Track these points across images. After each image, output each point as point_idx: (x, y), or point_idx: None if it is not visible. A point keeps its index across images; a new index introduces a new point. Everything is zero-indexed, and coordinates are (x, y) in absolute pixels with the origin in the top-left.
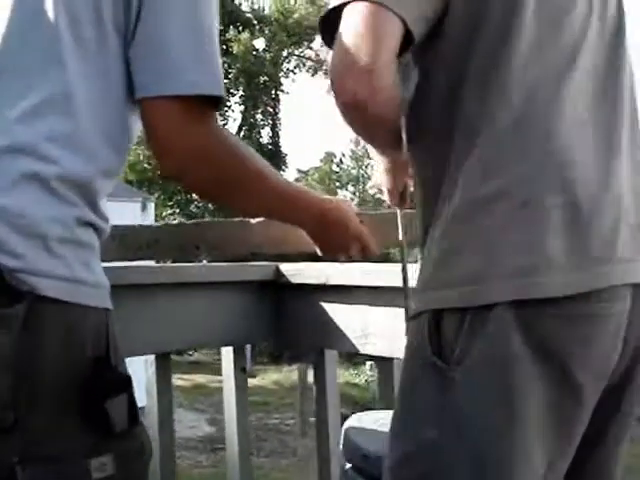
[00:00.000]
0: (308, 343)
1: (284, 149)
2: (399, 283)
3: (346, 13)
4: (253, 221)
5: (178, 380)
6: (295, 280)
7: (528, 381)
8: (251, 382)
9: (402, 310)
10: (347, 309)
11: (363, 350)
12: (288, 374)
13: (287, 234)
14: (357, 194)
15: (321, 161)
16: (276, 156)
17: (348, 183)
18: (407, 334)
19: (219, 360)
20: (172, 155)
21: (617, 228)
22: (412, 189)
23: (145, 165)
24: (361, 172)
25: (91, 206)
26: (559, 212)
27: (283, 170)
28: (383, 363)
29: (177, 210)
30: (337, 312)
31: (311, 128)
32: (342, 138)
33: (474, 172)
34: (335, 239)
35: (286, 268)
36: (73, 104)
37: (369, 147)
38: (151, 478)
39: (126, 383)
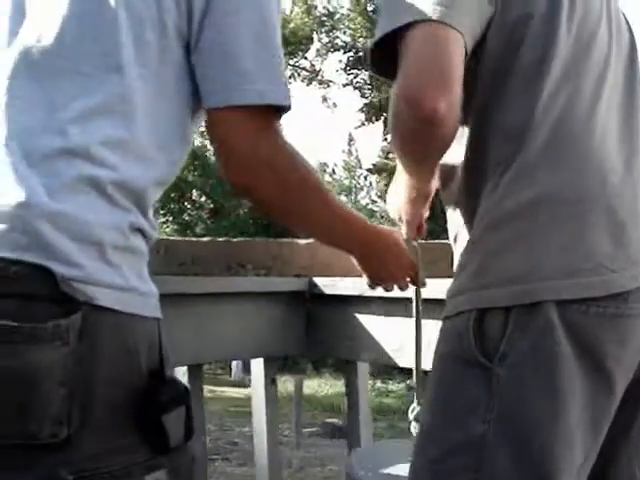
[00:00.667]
0: (341, 355)
1: None
2: (439, 295)
3: (412, 34)
4: (301, 243)
5: None
6: (329, 291)
7: (572, 376)
8: (244, 392)
9: (440, 322)
10: (383, 321)
11: (400, 363)
12: (283, 385)
13: (334, 259)
14: (349, 205)
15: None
16: None
17: (340, 193)
18: (441, 334)
19: (209, 370)
20: (241, 166)
21: None
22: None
23: None
24: (353, 182)
25: (143, 213)
26: (600, 215)
27: None
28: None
29: (170, 218)
30: (372, 324)
31: (304, 138)
32: (335, 148)
33: (515, 180)
34: (385, 268)
35: (320, 279)
36: (130, 109)
37: (399, 175)
38: None
39: (184, 396)
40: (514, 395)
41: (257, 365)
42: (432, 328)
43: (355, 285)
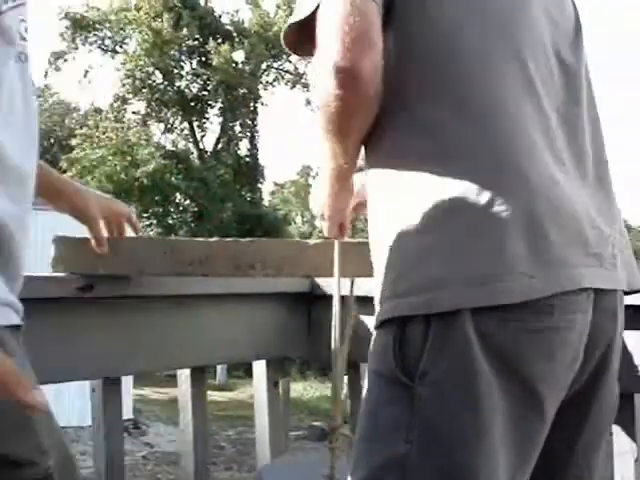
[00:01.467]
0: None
1: (261, 162)
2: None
3: (327, 6)
4: (311, 243)
5: (154, 394)
6: (331, 292)
7: (491, 395)
8: (228, 396)
9: None
10: None
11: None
12: None
13: (344, 260)
14: None
15: (297, 174)
16: (254, 168)
17: None
18: (371, 346)
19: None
20: None
21: (577, 235)
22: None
23: (122, 176)
24: None
25: None
26: (518, 218)
27: (260, 183)
28: None
29: (154, 222)
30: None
31: (288, 141)
32: (318, 152)
33: (433, 180)
34: None
35: (322, 280)
36: None
37: (323, 167)
38: None
39: None
40: (435, 414)
41: (259, 367)
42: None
43: (360, 286)
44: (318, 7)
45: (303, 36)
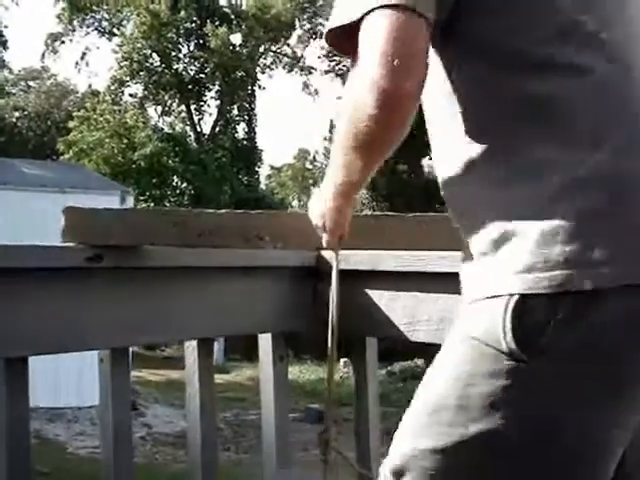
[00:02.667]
0: (349, 331)
1: (259, 145)
2: (451, 269)
3: (375, 19)
4: None
5: (151, 376)
6: (341, 266)
7: (635, 369)
8: (225, 378)
9: (454, 296)
10: (395, 296)
11: (412, 337)
12: None
13: (354, 231)
14: None
15: (294, 158)
16: (251, 152)
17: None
18: (466, 317)
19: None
20: None
21: None
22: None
23: (119, 158)
24: None
25: None
26: None
27: (258, 166)
28: (433, 350)
29: (151, 204)
30: (382, 299)
31: (285, 125)
32: (316, 135)
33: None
34: None
35: (329, 254)
36: None
37: (328, 180)
38: (193, 465)
39: None
40: (558, 395)
41: (264, 340)
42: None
43: (366, 259)
44: (365, 15)
45: (343, 33)
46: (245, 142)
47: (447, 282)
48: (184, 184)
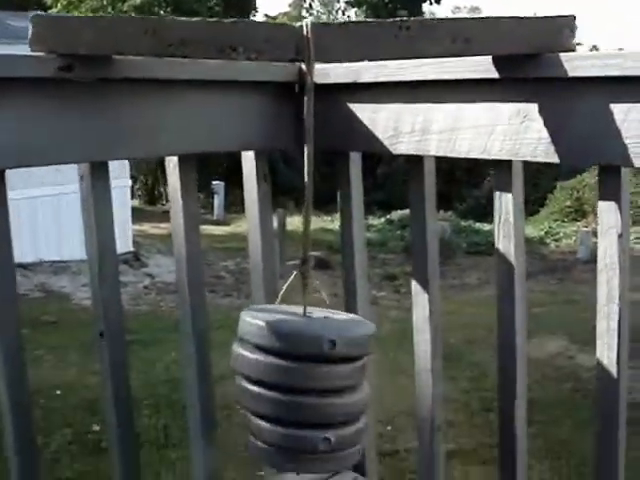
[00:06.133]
0: (332, 147)
1: None
2: (435, 76)
3: None
4: (296, 25)
5: (153, 229)
6: (321, 80)
7: None
8: (226, 230)
9: (436, 106)
10: (377, 108)
11: (395, 150)
12: None
13: (333, 42)
14: None
15: (289, 6)
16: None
17: None
18: None
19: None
20: None
21: None
22: None
23: (109, 10)
24: (331, 17)
25: None
26: None
27: (253, 15)
28: (415, 161)
29: None
30: (366, 112)
31: None
32: None
33: None
34: None
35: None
36: None
37: None
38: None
39: None
40: None
41: (248, 159)
42: None
43: (346, 72)
44: None
45: None
46: None
47: (429, 91)
48: None
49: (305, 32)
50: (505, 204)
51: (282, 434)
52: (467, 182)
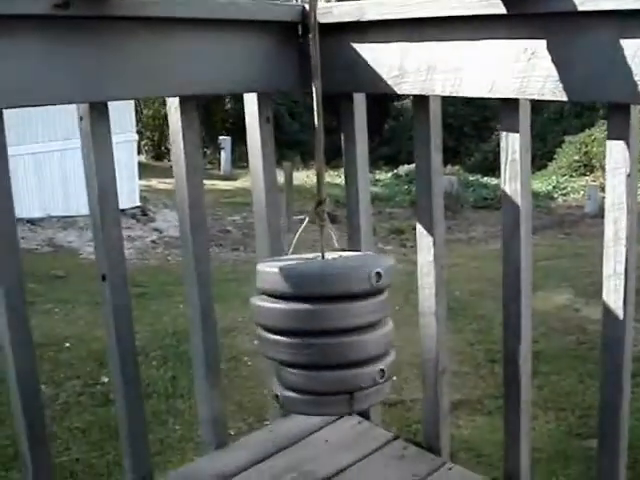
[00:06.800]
0: (336, 87)
1: None
2: (439, 13)
3: None
4: None
5: (160, 184)
6: (324, 20)
7: None
8: (233, 184)
9: (442, 44)
10: (381, 48)
11: (399, 90)
12: None
13: None
14: None
15: None
16: None
17: None
18: None
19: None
20: None
21: None
22: None
23: None
24: None
25: None
26: None
27: None
28: (420, 102)
29: None
30: (370, 52)
31: None
32: None
33: None
34: None
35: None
36: None
37: None
38: (182, 221)
39: None
40: None
41: (250, 102)
42: None
43: (352, 9)
44: None
45: None
46: None
47: (435, 28)
48: None
49: None
50: (512, 143)
51: (337, 377)
52: (475, 137)
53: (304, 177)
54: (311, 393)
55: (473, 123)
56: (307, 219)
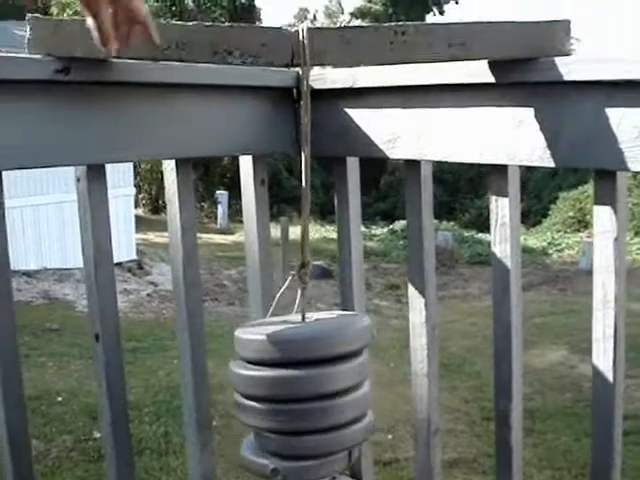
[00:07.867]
0: (329, 152)
1: (258, 4)
2: (434, 81)
3: None
4: (292, 30)
5: (157, 238)
6: (318, 86)
7: None
8: (229, 239)
9: (433, 111)
10: (374, 113)
11: (392, 155)
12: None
13: (328, 46)
14: None
15: (295, 17)
16: (250, 11)
17: None
18: None
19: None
20: None
21: None
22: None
23: None
24: None
25: None
26: None
27: None
28: (412, 166)
29: None
30: (363, 117)
31: None
32: None
33: None
34: None
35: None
36: None
37: None
38: (176, 282)
39: None
40: None
41: (246, 164)
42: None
43: (345, 76)
44: None
45: None
46: (243, 0)
47: (426, 96)
48: None
49: (301, 37)
50: (501, 207)
51: (326, 439)
52: (470, 193)
53: (300, 232)
54: (315, 457)
55: (468, 179)
56: (289, 279)
